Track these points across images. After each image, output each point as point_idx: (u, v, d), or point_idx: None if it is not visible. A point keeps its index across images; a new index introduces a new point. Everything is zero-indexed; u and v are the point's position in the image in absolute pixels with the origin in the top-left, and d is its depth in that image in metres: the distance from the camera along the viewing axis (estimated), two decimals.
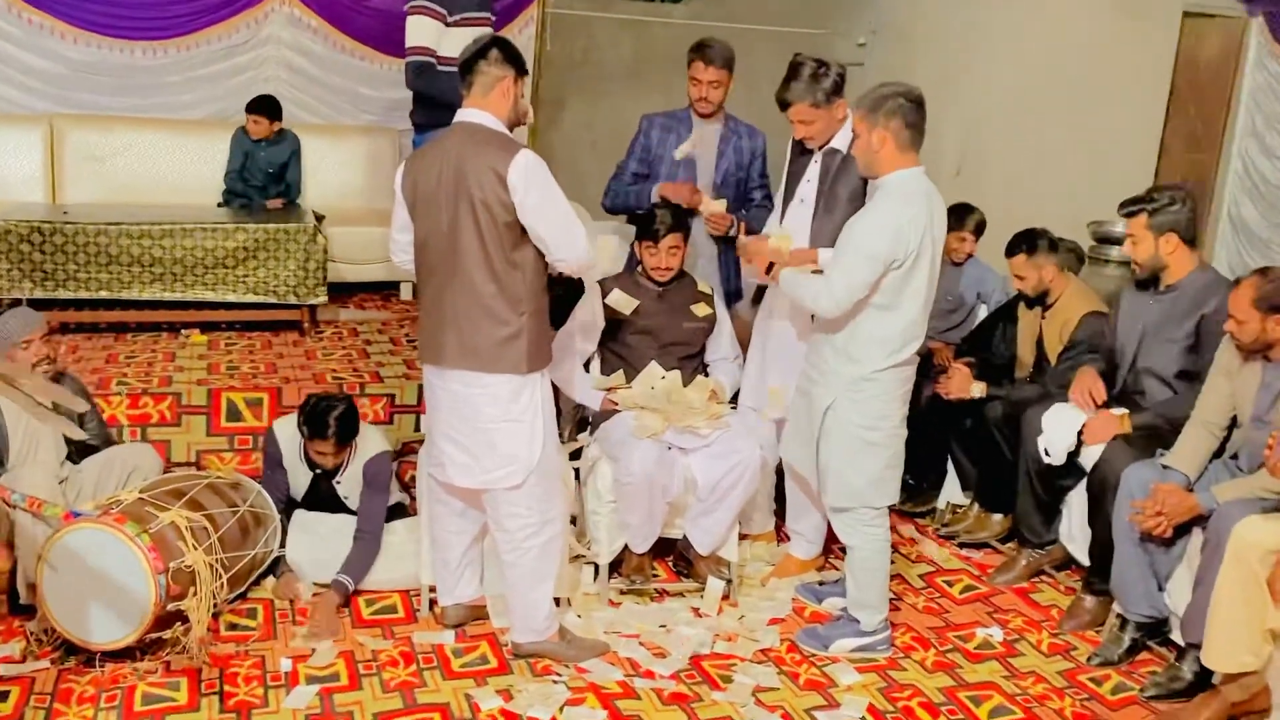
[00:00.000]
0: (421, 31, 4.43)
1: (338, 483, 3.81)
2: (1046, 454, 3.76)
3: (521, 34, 6.75)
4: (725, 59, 4.13)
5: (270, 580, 3.71)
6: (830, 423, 3.35)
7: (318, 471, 3.79)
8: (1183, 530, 3.33)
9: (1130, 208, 3.61)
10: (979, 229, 4.78)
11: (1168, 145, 7.13)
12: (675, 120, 4.31)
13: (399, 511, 3.94)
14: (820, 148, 3.67)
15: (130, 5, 6.19)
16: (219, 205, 5.99)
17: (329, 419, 3.62)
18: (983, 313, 4.75)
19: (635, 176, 4.32)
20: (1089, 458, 3.70)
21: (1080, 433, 3.71)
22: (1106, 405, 3.73)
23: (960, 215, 4.70)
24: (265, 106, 6.00)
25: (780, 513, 4.15)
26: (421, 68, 4.44)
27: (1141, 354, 3.70)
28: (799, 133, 3.66)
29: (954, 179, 6.58)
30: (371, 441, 3.82)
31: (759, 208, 4.32)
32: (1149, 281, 3.68)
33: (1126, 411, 3.67)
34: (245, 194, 6.00)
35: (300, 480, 3.83)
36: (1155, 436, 3.56)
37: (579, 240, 3.05)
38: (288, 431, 3.80)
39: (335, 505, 3.83)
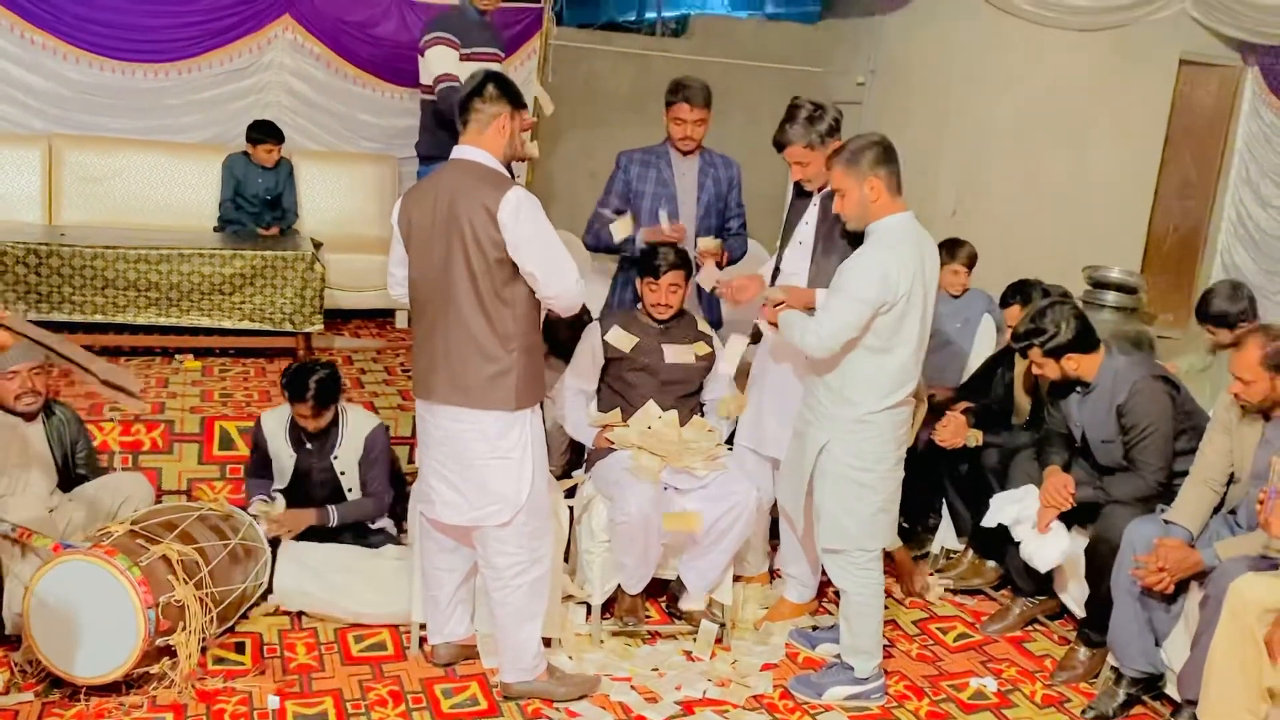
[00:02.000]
0: (446, 60, 4.51)
1: (335, 457, 3.87)
2: (1030, 560, 3.73)
3: (524, 65, 6.78)
4: (707, 98, 4.20)
5: (261, 607, 3.69)
6: (825, 463, 3.35)
7: (307, 447, 3.87)
8: (1182, 586, 3.32)
9: (1021, 344, 3.71)
10: (971, 261, 4.81)
11: (1162, 191, 7.17)
12: (653, 155, 4.35)
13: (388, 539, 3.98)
14: (819, 190, 3.69)
15: (134, 28, 6.19)
16: (215, 230, 5.97)
17: (308, 381, 3.74)
18: (978, 341, 4.77)
19: (617, 214, 4.33)
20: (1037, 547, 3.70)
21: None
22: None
23: (951, 249, 4.75)
24: (274, 133, 6.00)
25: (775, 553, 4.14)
26: (453, 92, 4.46)
27: (1093, 450, 3.75)
28: (795, 174, 3.69)
29: (950, 218, 6.62)
30: (364, 418, 3.99)
31: (735, 236, 4.41)
32: (1073, 384, 3.73)
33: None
34: (240, 220, 5.99)
35: (285, 463, 3.90)
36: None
37: (569, 278, 3.05)
38: (274, 417, 3.93)
39: (327, 488, 3.90)
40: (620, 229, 4.11)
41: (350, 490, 3.95)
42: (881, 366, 3.24)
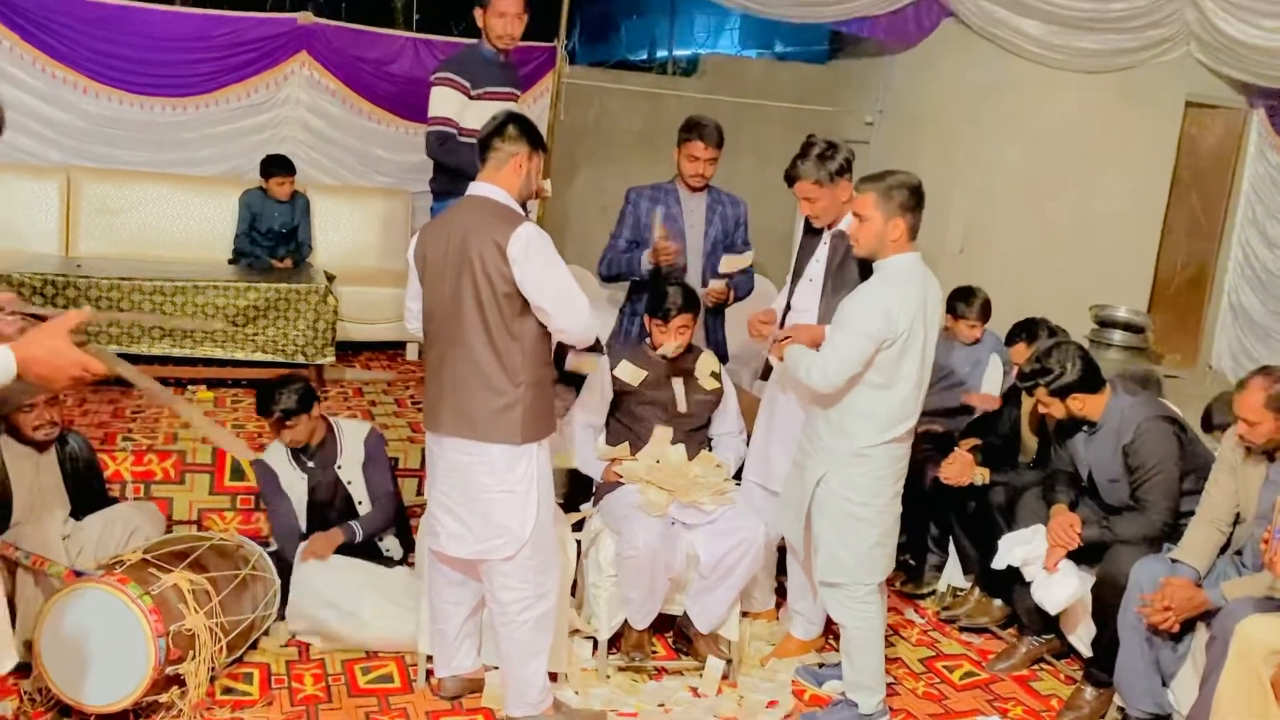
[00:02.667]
0: (445, 102, 4.51)
1: (339, 467, 3.94)
2: (1041, 602, 3.75)
3: (537, 103, 6.86)
4: (719, 137, 4.31)
5: (269, 638, 3.71)
6: (822, 495, 3.37)
7: (310, 465, 3.91)
8: (1189, 626, 3.33)
9: (1026, 384, 3.75)
10: (985, 313, 4.77)
11: (1169, 231, 7.21)
12: (661, 192, 4.43)
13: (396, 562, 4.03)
14: (829, 228, 3.74)
15: (152, 63, 6.28)
16: (229, 262, 6.04)
17: (273, 394, 3.82)
18: (986, 380, 4.78)
19: (629, 244, 4.41)
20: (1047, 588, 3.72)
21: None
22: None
23: (966, 301, 4.73)
24: (286, 166, 6.09)
25: (781, 589, 4.14)
26: (443, 137, 4.51)
27: (1100, 490, 3.77)
28: (804, 209, 3.75)
29: (957, 257, 6.66)
30: (357, 425, 4.10)
31: (742, 273, 4.47)
32: (1079, 423, 3.76)
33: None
34: (254, 253, 6.06)
35: (298, 489, 3.92)
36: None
37: (581, 312, 3.09)
38: (274, 450, 3.97)
39: (340, 504, 3.94)
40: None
41: (360, 502, 3.98)
42: (882, 401, 3.27)
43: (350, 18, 7.18)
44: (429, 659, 3.56)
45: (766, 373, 4.09)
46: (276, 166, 6.08)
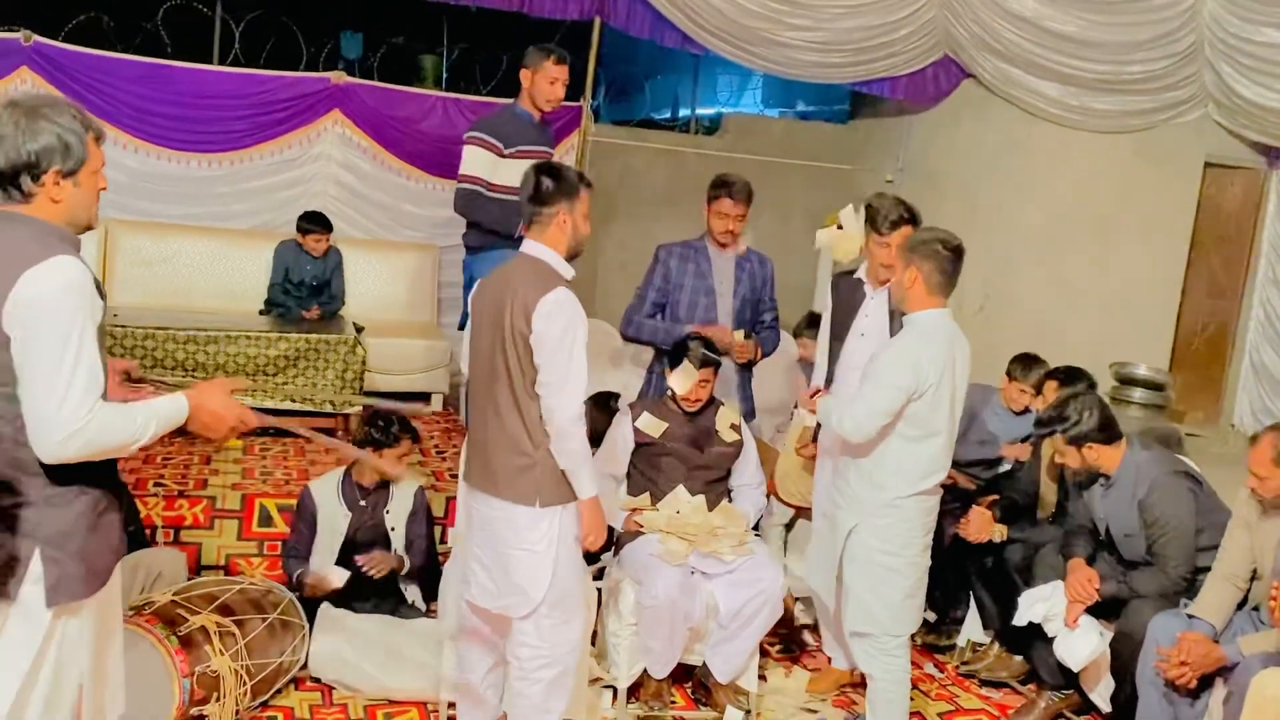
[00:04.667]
0: (475, 162, 4.62)
1: (387, 512, 4.07)
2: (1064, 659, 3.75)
3: (563, 159, 7.01)
4: (748, 194, 4.40)
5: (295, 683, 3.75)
6: (853, 546, 3.41)
7: (361, 504, 4.05)
8: (1207, 682, 3.32)
9: (1043, 430, 3.82)
10: (1039, 385, 4.61)
11: (1190, 290, 7.24)
12: (692, 250, 4.50)
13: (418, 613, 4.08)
14: (879, 284, 3.83)
15: (190, 119, 6.45)
16: (260, 313, 6.16)
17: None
18: None
19: (655, 306, 4.47)
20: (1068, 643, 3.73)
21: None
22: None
23: (1025, 365, 4.75)
24: (323, 223, 6.23)
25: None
26: (471, 195, 4.62)
27: (1117, 544, 3.79)
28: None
29: (976, 315, 6.71)
30: (409, 480, 4.22)
31: (769, 329, 4.58)
32: (1095, 477, 3.80)
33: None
34: (286, 304, 6.17)
35: (338, 526, 4.00)
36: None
37: (573, 397, 3.00)
38: (324, 483, 4.08)
39: (378, 549, 4.03)
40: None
41: (396, 550, 4.07)
42: (913, 454, 3.33)
43: (382, 77, 7.36)
44: (451, 705, 3.59)
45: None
46: (313, 223, 6.22)
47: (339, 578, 3.93)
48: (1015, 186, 6.83)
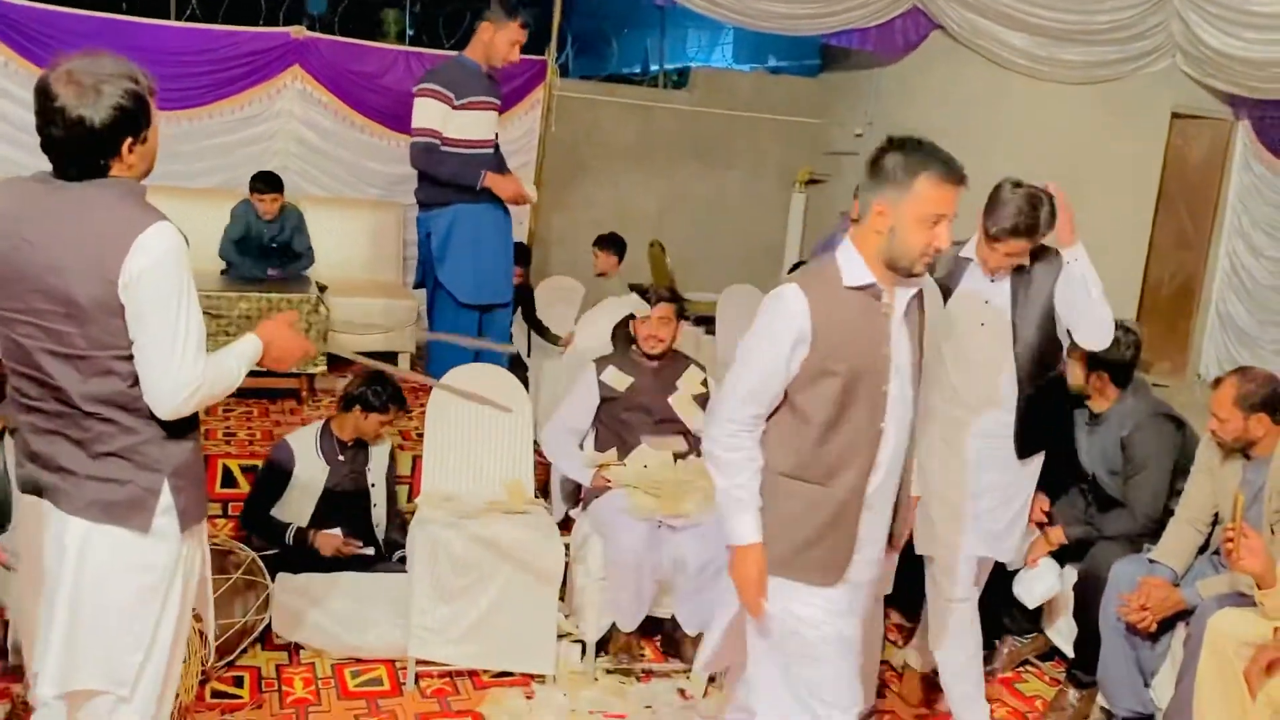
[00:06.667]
0: (428, 114, 4.56)
1: (369, 469, 4.09)
2: (1020, 597, 3.78)
3: (528, 115, 6.93)
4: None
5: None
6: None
7: (340, 459, 4.04)
8: (1169, 626, 3.36)
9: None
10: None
11: (1157, 243, 7.27)
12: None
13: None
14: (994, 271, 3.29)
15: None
16: (221, 273, 6.06)
17: (389, 386, 4.02)
18: None
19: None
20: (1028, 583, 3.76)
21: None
22: (1050, 519, 3.79)
23: None
24: (273, 183, 6.06)
25: None
26: (427, 149, 4.56)
27: (1101, 484, 3.81)
28: (1008, 264, 3.24)
29: None
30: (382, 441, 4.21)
31: None
32: (1080, 401, 3.79)
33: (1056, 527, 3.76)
34: (244, 264, 6.04)
35: (314, 480, 3.99)
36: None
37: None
38: (301, 437, 4.07)
39: (355, 504, 4.05)
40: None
41: (375, 505, 4.08)
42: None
43: (343, 32, 7.23)
44: (419, 661, 3.59)
45: None
46: (261, 183, 6.02)
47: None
48: (983, 139, 6.80)
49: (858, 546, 2.51)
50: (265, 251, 6.12)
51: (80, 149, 2.14)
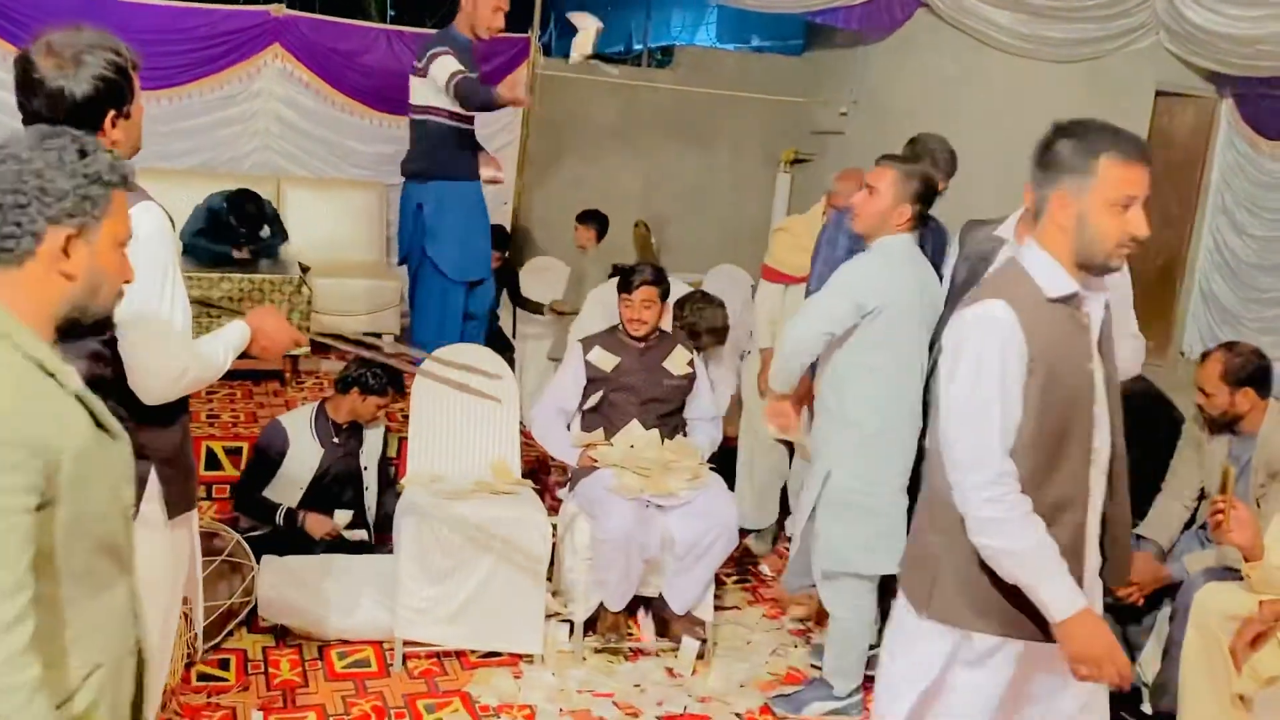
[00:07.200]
0: (452, 63, 4.69)
1: (364, 452, 4.11)
2: None
3: None
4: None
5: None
6: (829, 491, 3.31)
7: (335, 441, 4.03)
8: (1155, 601, 3.37)
9: None
10: None
11: None
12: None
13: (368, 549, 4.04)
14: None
15: None
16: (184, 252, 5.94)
17: (385, 371, 3.99)
18: None
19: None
20: None
21: None
22: None
23: None
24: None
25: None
26: (470, 81, 4.68)
27: None
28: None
29: None
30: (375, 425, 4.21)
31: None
32: None
33: None
34: (206, 246, 5.76)
35: (308, 461, 3.98)
36: None
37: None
38: (295, 418, 4.06)
39: (348, 486, 4.07)
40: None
41: (368, 488, 4.08)
42: (879, 385, 3.23)
43: (323, 10, 7.17)
44: (406, 642, 3.58)
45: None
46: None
47: (343, 519, 3.99)
48: (968, 117, 6.79)
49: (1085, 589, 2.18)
50: (234, 233, 5.94)
51: (61, 123, 2.06)
